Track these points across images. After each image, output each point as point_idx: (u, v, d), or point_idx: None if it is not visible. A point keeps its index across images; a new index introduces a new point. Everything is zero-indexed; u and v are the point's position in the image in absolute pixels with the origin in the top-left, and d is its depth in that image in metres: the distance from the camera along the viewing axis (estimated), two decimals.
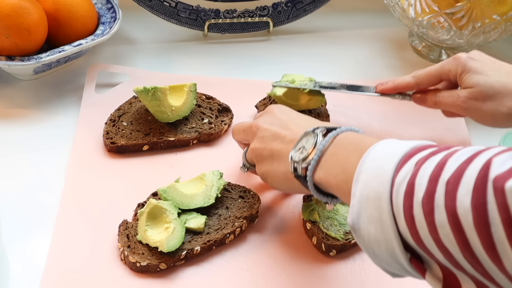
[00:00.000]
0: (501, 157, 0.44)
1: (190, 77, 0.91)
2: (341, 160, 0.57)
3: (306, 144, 0.61)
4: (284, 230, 0.73)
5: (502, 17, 0.88)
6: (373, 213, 0.51)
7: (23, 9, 0.84)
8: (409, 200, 0.48)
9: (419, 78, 0.76)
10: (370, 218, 0.51)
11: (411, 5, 0.91)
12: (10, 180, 0.78)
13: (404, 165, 0.50)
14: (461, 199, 0.44)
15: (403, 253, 0.50)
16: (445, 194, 0.45)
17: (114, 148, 0.80)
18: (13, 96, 0.89)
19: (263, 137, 0.67)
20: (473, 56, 0.74)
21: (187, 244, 0.69)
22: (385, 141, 0.55)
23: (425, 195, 0.47)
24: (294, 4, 1.02)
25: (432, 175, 0.47)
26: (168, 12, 0.99)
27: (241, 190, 0.75)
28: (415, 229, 0.48)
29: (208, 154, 0.81)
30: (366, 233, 0.52)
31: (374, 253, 0.52)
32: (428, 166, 0.48)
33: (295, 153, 0.62)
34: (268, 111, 0.70)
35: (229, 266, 0.69)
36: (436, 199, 0.46)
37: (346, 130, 0.60)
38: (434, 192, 0.46)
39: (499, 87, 0.71)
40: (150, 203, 0.70)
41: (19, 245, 0.71)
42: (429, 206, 0.46)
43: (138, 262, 0.67)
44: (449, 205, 0.45)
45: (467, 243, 0.44)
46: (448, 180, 0.46)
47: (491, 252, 0.43)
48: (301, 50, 1.00)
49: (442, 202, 0.45)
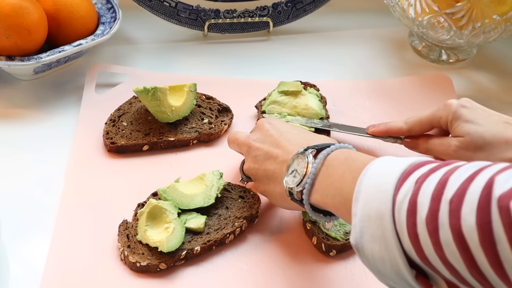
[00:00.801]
0: (503, 175, 0.44)
1: (190, 77, 0.91)
2: (336, 181, 0.58)
3: (298, 167, 0.61)
4: (284, 230, 0.73)
5: (502, 17, 0.88)
6: (376, 232, 0.51)
7: (23, 9, 0.84)
8: (412, 219, 0.48)
9: (411, 124, 0.76)
10: (373, 237, 0.51)
11: (411, 5, 0.91)
12: (10, 180, 0.78)
13: (404, 182, 0.50)
14: (466, 218, 0.44)
15: (408, 270, 0.50)
16: (449, 213, 0.46)
17: (114, 148, 0.80)
18: (13, 96, 0.89)
19: (256, 157, 0.68)
20: (463, 103, 0.73)
21: (187, 244, 0.69)
22: (382, 159, 0.55)
23: (428, 214, 0.47)
24: (294, 4, 1.02)
25: (434, 194, 0.47)
26: (168, 12, 0.99)
27: (241, 190, 0.75)
28: (420, 247, 0.48)
29: (208, 154, 0.81)
30: (370, 252, 0.52)
31: (380, 272, 0.52)
32: (429, 184, 0.48)
33: (288, 177, 0.62)
34: (259, 127, 0.71)
35: (229, 266, 0.69)
36: (440, 217, 0.46)
37: (336, 149, 0.61)
38: (437, 210, 0.46)
39: (489, 138, 0.70)
40: (150, 203, 0.70)
41: (19, 245, 0.71)
42: (433, 224, 0.46)
43: (138, 262, 0.67)
44: (453, 224, 0.45)
45: (474, 261, 0.45)
46: (451, 198, 0.46)
47: (498, 270, 0.43)
48: (301, 50, 1.00)
49: (447, 220, 0.46)
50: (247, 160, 0.70)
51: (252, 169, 0.69)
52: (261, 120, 0.72)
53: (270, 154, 0.67)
